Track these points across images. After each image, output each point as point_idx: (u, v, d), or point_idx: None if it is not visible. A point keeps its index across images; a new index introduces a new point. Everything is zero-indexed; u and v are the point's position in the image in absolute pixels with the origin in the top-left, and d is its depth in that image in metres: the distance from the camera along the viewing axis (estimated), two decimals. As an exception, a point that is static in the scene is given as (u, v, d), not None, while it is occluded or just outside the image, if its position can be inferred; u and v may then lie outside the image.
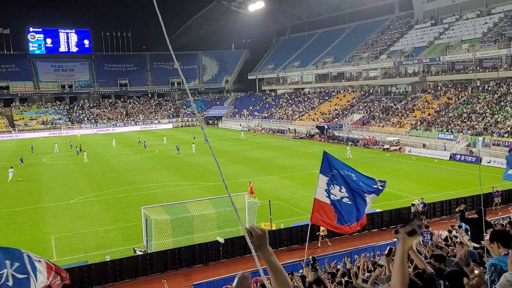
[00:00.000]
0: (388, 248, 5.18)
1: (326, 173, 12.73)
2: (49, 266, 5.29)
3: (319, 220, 13.28)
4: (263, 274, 3.86)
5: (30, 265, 5.15)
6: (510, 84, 50.25)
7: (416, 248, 13.96)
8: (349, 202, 12.33)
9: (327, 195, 12.63)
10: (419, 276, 3.90)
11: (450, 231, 15.96)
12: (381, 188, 12.48)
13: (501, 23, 58.90)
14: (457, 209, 21.33)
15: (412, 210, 23.12)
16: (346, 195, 12.35)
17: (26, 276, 5.10)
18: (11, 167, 38.55)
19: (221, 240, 18.69)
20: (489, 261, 4.10)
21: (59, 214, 26.50)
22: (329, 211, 12.64)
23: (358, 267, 10.96)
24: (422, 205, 23.26)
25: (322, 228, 19.43)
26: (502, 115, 45.44)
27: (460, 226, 16.80)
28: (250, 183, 29.16)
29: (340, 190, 12.41)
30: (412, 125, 52.87)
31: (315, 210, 13.02)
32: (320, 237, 20.22)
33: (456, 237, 12.53)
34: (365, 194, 12.37)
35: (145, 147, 56.28)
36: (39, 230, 23.43)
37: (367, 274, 9.09)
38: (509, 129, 42.11)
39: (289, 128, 72.25)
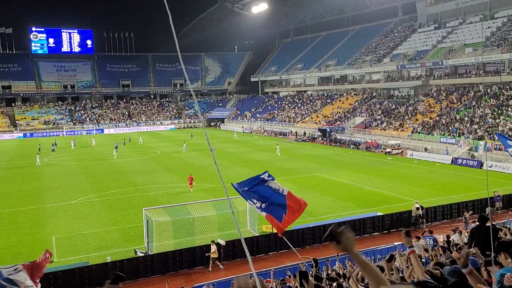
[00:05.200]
0: (389, 254, 5.15)
1: (244, 197, 12.63)
2: (27, 268, 5.24)
3: (280, 229, 13.19)
4: (256, 277, 3.86)
5: (5, 281, 5.11)
6: (513, 88, 50.18)
7: (419, 255, 13.91)
8: (267, 204, 12.03)
9: (259, 209, 12.51)
10: (421, 285, 3.86)
11: (448, 236, 15.90)
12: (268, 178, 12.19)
13: (504, 27, 58.82)
14: (466, 215, 21.31)
15: (413, 214, 23.08)
16: (260, 201, 12.06)
17: None
18: (38, 153, 47.19)
19: (222, 242, 18.67)
20: (498, 271, 4.07)
21: (60, 214, 26.51)
22: (271, 218, 12.59)
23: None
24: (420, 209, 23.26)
25: (212, 250, 18.12)
26: (504, 119, 45.34)
27: (460, 232, 16.76)
28: (190, 174, 32.41)
29: (254, 203, 12.19)
30: (414, 128, 52.79)
31: (273, 225, 12.91)
32: (211, 260, 18.33)
33: (456, 245, 12.45)
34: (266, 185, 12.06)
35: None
36: (40, 231, 23.44)
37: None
38: (510, 133, 42.02)
39: (291, 131, 72.24)
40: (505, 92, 50.30)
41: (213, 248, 18.25)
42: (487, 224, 9.39)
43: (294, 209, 12.13)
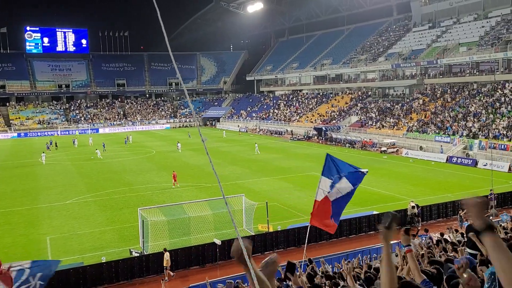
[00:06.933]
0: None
1: (328, 175, 12.78)
2: None
3: (318, 222, 13.38)
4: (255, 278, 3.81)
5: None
6: (506, 87, 50.42)
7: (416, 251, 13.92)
8: (344, 199, 12.54)
9: (328, 195, 12.70)
10: (406, 285, 3.81)
11: (442, 234, 15.95)
12: (365, 172, 12.52)
13: (498, 26, 59.11)
14: (461, 213, 21.35)
15: (409, 213, 23.13)
16: (342, 194, 12.63)
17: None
18: (43, 152, 47.31)
19: (218, 241, 18.63)
20: (488, 270, 4.08)
21: (54, 214, 26.37)
22: (328, 213, 12.69)
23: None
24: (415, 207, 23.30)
25: (166, 259, 17.42)
26: (497, 117, 45.56)
27: (456, 230, 16.82)
28: (174, 171, 33.80)
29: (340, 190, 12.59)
30: (409, 127, 52.95)
31: (315, 213, 13.03)
32: (165, 269, 17.68)
33: (453, 244, 12.47)
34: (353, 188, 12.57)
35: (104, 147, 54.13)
36: (35, 231, 23.30)
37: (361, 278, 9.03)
38: (504, 131, 42.26)
39: (287, 130, 72.26)
40: (499, 91, 50.57)
41: (166, 256, 17.49)
42: (464, 222, 9.41)
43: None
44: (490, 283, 3.80)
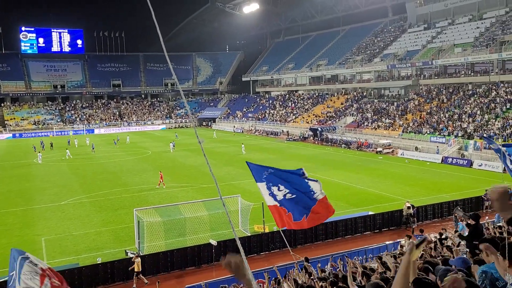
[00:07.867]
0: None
1: (260, 179, 12.36)
2: (43, 273, 5.24)
3: (284, 223, 12.93)
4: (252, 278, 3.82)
5: (18, 269, 5.12)
6: (501, 87, 50.71)
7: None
8: (293, 196, 11.96)
9: (273, 198, 12.26)
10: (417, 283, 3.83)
11: (441, 234, 15.99)
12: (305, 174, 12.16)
13: (492, 27, 59.47)
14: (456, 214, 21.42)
15: (404, 213, 23.21)
16: (287, 190, 11.73)
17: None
18: (39, 152, 48.63)
19: (214, 242, 18.62)
20: (479, 268, 4.11)
21: (50, 215, 26.25)
22: (283, 212, 12.28)
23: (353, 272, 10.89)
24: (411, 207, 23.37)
25: (136, 262, 16.93)
26: (492, 118, 45.82)
27: (455, 231, 16.88)
28: (160, 172, 34.38)
29: (279, 189, 11.81)
30: (404, 128, 53.13)
31: (276, 217, 12.67)
32: (134, 275, 17.10)
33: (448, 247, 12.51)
34: (306, 180, 11.69)
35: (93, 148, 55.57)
36: (30, 232, 23.18)
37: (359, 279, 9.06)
38: (498, 132, 42.49)
39: (282, 130, 72.33)
40: (494, 92, 50.85)
41: (136, 260, 16.99)
42: (459, 222, 9.49)
43: (319, 215, 11.61)
44: (481, 281, 3.83)
